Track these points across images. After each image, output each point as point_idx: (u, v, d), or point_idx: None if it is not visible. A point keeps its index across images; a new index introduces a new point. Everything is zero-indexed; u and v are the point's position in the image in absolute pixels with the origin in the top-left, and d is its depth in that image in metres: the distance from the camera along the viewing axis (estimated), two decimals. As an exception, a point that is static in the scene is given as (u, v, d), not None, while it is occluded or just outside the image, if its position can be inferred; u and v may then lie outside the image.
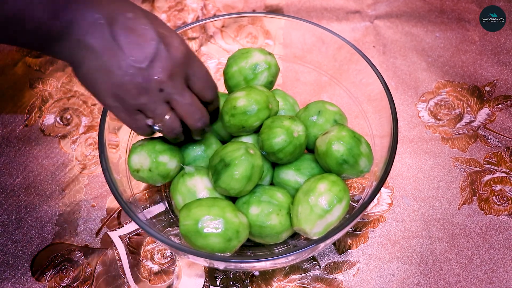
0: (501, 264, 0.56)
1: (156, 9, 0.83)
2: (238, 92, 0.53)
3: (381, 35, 0.79)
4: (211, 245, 0.45)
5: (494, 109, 0.69)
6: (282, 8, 0.83)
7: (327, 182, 0.49)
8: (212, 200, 0.48)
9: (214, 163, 0.50)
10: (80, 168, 0.65)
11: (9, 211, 0.61)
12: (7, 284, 0.55)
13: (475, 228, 0.59)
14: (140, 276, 0.56)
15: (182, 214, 0.47)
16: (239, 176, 0.48)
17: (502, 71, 0.73)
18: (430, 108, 0.70)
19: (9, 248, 0.58)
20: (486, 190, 0.62)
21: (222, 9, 0.83)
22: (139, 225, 0.46)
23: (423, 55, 0.76)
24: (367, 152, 0.51)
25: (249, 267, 0.52)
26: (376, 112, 0.57)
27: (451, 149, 0.65)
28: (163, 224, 0.57)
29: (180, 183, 0.52)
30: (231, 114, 0.52)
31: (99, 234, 0.59)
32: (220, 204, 0.47)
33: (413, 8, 0.82)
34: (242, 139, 0.55)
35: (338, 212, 0.48)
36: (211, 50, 0.74)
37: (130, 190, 0.54)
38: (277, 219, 0.49)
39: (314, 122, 0.56)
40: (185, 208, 0.47)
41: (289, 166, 0.54)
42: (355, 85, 0.60)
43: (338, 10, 0.83)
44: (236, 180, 0.48)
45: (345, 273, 0.56)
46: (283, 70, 0.68)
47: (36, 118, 0.70)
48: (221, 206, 0.47)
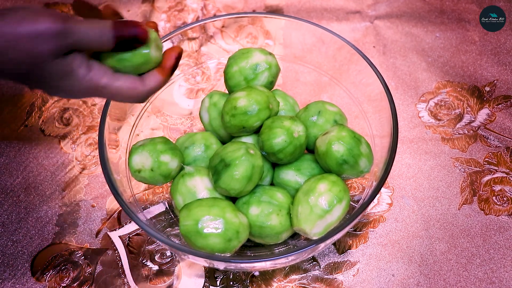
0: (501, 264, 0.56)
1: (156, 9, 0.83)
2: (239, 92, 0.53)
3: (381, 35, 0.79)
4: (211, 246, 0.45)
5: (494, 109, 0.69)
6: (282, 9, 0.83)
7: (327, 182, 0.49)
8: (212, 200, 0.48)
9: (214, 163, 0.50)
10: (80, 168, 0.65)
11: (9, 211, 0.61)
12: (7, 284, 0.55)
13: (475, 228, 0.59)
14: (140, 276, 0.56)
15: (182, 214, 0.47)
16: (240, 176, 0.48)
17: (502, 71, 0.73)
18: (430, 108, 0.70)
19: (9, 248, 0.58)
20: (486, 190, 0.62)
21: (222, 9, 0.83)
22: (139, 225, 0.46)
23: (423, 55, 0.76)
24: (367, 153, 0.51)
25: (249, 267, 0.52)
26: (376, 112, 0.57)
27: (451, 149, 0.65)
28: (163, 224, 0.57)
29: (180, 183, 0.52)
30: (231, 114, 0.52)
31: (99, 234, 0.59)
32: (220, 204, 0.47)
33: (413, 8, 0.82)
34: (242, 139, 0.55)
35: (338, 212, 0.48)
36: (211, 50, 0.74)
37: (130, 190, 0.54)
38: (277, 219, 0.49)
39: (314, 122, 0.56)
40: (185, 208, 0.47)
41: (289, 167, 0.54)
42: (355, 85, 0.60)
43: (338, 10, 0.83)
44: (237, 180, 0.48)
45: (345, 273, 0.56)
46: (283, 70, 0.68)
47: (36, 118, 0.70)
48: (221, 206, 0.47)
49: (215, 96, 0.59)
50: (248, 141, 0.55)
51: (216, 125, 0.58)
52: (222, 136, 0.59)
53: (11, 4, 0.83)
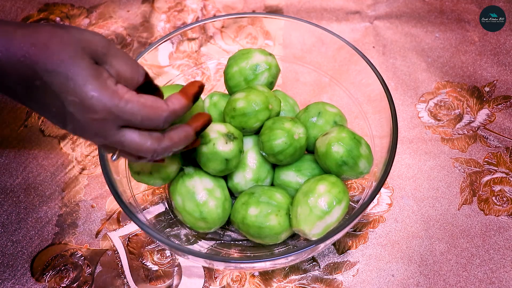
0: (501, 264, 0.56)
1: (156, 9, 0.83)
2: (239, 94, 0.53)
3: (380, 35, 0.79)
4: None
5: (493, 109, 0.69)
6: (282, 9, 0.83)
7: (327, 183, 0.49)
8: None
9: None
10: (80, 169, 0.65)
11: (9, 212, 0.61)
12: (7, 284, 0.55)
13: (474, 228, 0.59)
14: (140, 276, 0.56)
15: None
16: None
17: (501, 71, 0.73)
18: (430, 108, 0.70)
19: (9, 249, 0.58)
20: (485, 190, 0.62)
21: (222, 10, 0.83)
22: (139, 225, 0.46)
23: (422, 55, 0.76)
24: (367, 154, 0.51)
25: (249, 267, 0.52)
26: (376, 112, 0.57)
27: (451, 149, 0.65)
28: (163, 224, 0.57)
29: (179, 183, 0.52)
30: (231, 116, 0.52)
31: (99, 235, 0.59)
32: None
33: (412, 8, 0.82)
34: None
35: (337, 213, 0.48)
36: (211, 51, 0.74)
37: (130, 191, 0.54)
38: (276, 219, 0.49)
39: (314, 123, 0.56)
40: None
41: (289, 167, 0.54)
42: (355, 86, 0.60)
43: (338, 10, 0.83)
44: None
45: (345, 273, 0.56)
46: (283, 70, 0.68)
47: (36, 119, 0.70)
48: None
49: (215, 96, 0.59)
50: (249, 141, 0.55)
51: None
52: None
53: (10, 5, 0.83)
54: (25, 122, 0.69)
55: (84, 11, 0.82)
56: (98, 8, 0.83)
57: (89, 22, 0.81)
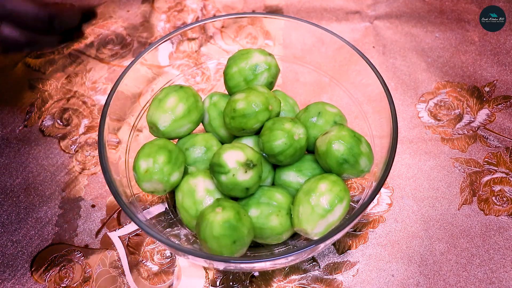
0: (501, 264, 0.56)
1: (155, 9, 0.83)
2: (238, 94, 0.53)
3: (380, 35, 0.79)
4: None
5: (493, 109, 0.69)
6: (282, 9, 0.83)
7: (328, 182, 0.49)
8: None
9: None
10: (80, 169, 0.65)
11: (8, 212, 0.61)
12: (7, 284, 0.55)
13: (474, 228, 0.59)
14: (140, 276, 0.56)
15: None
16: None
17: (501, 71, 0.73)
18: (430, 108, 0.70)
19: (9, 249, 0.58)
20: (485, 190, 0.62)
21: (222, 10, 0.83)
22: (139, 225, 0.46)
23: (422, 55, 0.76)
24: (368, 152, 0.51)
25: (249, 267, 0.52)
26: (376, 112, 0.57)
27: (451, 149, 0.65)
28: (163, 224, 0.57)
29: (183, 181, 0.52)
30: (231, 117, 0.52)
31: (99, 235, 0.59)
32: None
33: (412, 8, 0.82)
34: (243, 140, 0.56)
35: (339, 211, 0.48)
36: (211, 51, 0.74)
37: (130, 191, 0.54)
38: (277, 220, 0.49)
39: (314, 123, 0.56)
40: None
41: (290, 168, 0.54)
42: (354, 86, 0.60)
43: (337, 10, 0.83)
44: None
45: (345, 273, 0.56)
46: (283, 70, 0.68)
47: (36, 119, 0.70)
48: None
49: (215, 96, 0.59)
50: (249, 142, 0.55)
51: (216, 125, 0.58)
52: (222, 137, 0.59)
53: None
54: (25, 122, 0.69)
55: (84, 11, 0.82)
56: (98, 8, 0.83)
57: (89, 22, 0.81)
